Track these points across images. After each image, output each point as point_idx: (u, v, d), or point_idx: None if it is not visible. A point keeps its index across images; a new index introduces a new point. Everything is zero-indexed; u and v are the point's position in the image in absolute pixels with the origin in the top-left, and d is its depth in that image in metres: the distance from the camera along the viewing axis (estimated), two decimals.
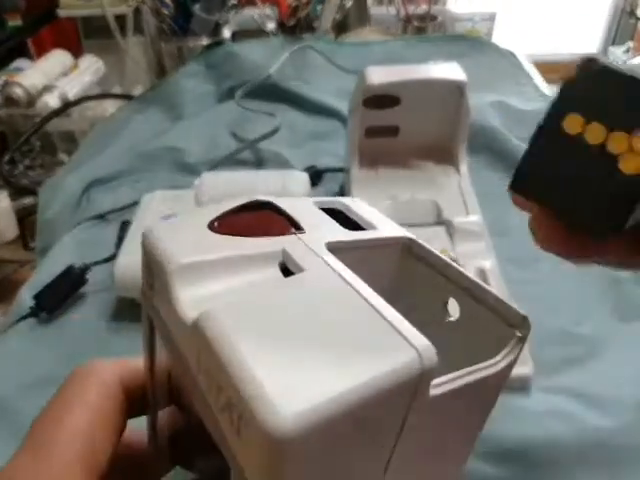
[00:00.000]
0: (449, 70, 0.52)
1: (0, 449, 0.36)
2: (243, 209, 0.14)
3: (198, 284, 0.12)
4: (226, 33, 0.91)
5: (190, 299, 0.12)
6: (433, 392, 0.10)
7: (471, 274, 0.14)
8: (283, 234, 0.13)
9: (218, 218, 0.14)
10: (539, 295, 0.46)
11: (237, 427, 0.09)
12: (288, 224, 0.14)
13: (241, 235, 0.13)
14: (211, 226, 0.14)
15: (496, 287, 0.42)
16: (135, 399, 0.17)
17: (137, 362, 0.18)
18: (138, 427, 0.19)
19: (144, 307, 0.15)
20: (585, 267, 0.49)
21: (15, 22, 1.44)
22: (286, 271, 0.12)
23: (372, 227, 0.15)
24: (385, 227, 0.15)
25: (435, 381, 0.10)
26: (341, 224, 0.14)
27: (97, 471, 0.15)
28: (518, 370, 0.38)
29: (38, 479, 0.15)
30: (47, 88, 1.24)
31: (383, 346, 0.09)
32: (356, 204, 0.16)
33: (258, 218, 0.14)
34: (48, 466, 0.15)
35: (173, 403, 0.18)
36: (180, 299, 0.12)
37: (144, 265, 0.14)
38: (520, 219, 0.65)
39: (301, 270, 0.12)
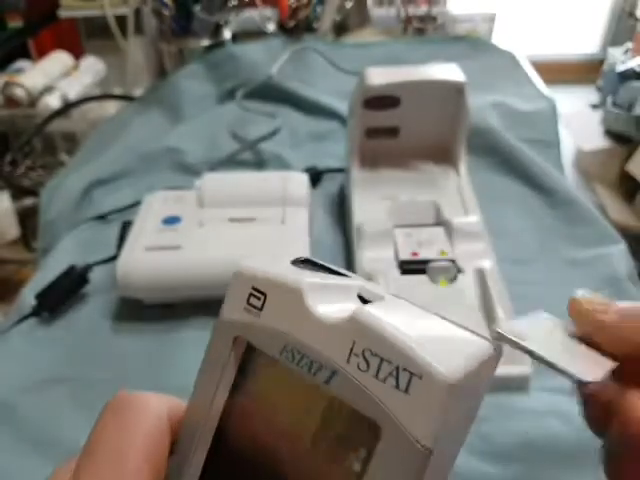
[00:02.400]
0: (448, 71, 0.52)
1: (1, 448, 0.37)
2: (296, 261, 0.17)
3: (322, 299, 0.15)
4: (226, 34, 0.91)
5: (323, 308, 0.15)
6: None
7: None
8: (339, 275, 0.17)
9: (297, 260, 0.17)
10: (538, 295, 0.46)
11: (405, 386, 0.13)
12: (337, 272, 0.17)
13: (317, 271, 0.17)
14: (294, 263, 0.17)
15: (495, 287, 0.42)
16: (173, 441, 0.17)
17: (180, 401, 0.17)
18: None
19: (227, 335, 0.16)
20: (584, 267, 0.49)
21: (16, 23, 1.45)
22: (364, 300, 0.15)
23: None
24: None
25: None
26: None
27: None
28: (517, 370, 0.38)
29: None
30: (48, 89, 1.24)
31: (469, 337, 0.14)
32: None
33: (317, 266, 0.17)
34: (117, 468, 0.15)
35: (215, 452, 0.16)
36: (317, 308, 0.15)
37: (241, 292, 0.16)
38: (519, 219, 0.65)
39: (381, 299, 0.15)
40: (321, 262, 0.17)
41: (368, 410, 0.13)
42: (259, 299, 0.15)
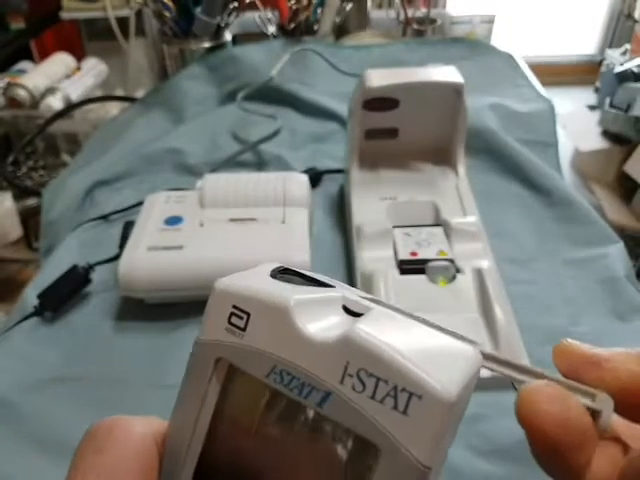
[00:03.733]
0: (447, 73, 0.53)
1: (2, 448, 0.37)
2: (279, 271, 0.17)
3: (310, 316, 0.14)
4: (227, 36, 0.92)
5: (311, 326, 0.14)
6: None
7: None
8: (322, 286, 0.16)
9: (275, 270, 0.16)
10: (536, 295, 0.47)
11: (404, 407, 0.13)
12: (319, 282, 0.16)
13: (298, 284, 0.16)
14: (274, 276, 0.16)
15: (493, 287, 0.43)
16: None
17: (163, 423, 0.16)
18: None
19: (208, 357, 0.16)
20: (582, 267, 0.50)
21: (18, 25, 1.45)
22: (348, 312, 0.15)
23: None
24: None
25: None
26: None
27: None
28: None
29: None
30: (50, 90, 1.25)
31: (458, 347, 0.14)
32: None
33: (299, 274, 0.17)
34: None
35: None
36: (307, 327, 0.14)
37: (221, 311, 0.15)
38: (517, 220, 0.65)
39: (367, 310, 0.15)
40: (300, 271, 0.16)
41: (365, 432, 0.13)
42: (242, 318, 0.15)
